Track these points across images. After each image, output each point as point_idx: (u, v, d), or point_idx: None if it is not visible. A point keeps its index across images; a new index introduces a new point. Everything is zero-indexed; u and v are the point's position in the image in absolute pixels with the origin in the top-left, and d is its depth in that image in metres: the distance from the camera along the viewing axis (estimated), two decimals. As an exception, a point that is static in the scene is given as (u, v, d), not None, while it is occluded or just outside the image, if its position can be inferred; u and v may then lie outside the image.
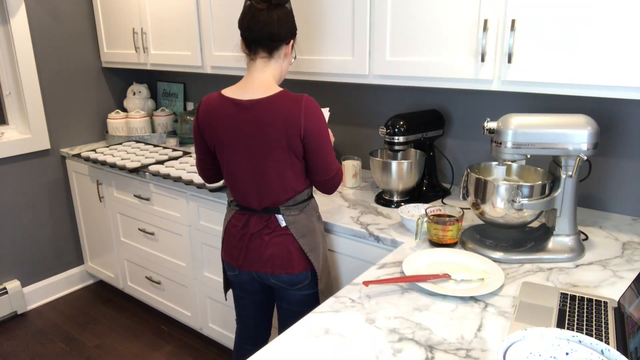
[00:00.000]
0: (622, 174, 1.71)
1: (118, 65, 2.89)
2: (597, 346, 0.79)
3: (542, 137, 1.34)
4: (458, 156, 2.06)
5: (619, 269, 1.35)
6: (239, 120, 1.41)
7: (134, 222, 2.59)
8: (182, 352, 2.44)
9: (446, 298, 1.22)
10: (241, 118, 1.40)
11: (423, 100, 2.10)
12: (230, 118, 1.42)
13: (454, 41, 1.61)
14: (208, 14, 2.28)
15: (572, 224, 1.42)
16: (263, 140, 1.39)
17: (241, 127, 1.41)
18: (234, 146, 1.44)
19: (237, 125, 1.41)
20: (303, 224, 1.50)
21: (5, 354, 2.47)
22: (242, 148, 1.43)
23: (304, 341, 1.07)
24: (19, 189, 2.76)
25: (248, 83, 1.44)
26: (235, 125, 1.41)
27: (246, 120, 1.40)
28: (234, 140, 1.43)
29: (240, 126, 1.41)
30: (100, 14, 2.86)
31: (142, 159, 2.51)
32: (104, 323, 2.71)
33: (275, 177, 1.44)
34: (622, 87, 1.36)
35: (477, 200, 1.44)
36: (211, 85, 2.92)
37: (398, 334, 1.08)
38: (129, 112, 2.98)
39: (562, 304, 1.14)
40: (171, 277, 2.49)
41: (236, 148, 1.43)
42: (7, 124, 2.79)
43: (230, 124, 1.42)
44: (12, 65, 2.68)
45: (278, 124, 1.37)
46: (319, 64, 1.95)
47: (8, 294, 2.74)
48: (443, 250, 1.43)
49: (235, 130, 1.42)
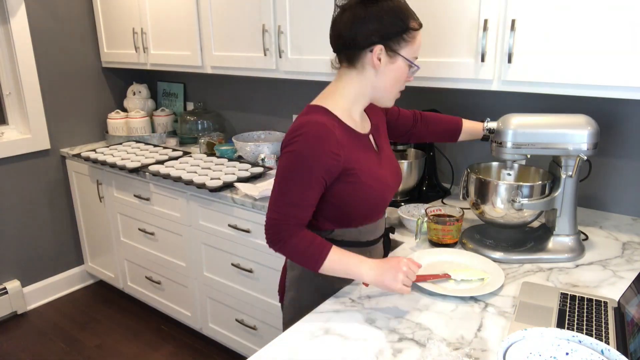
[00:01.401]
0: (622, 174, 1.71)
1: (118, 65, 2.89)
2: (597, 346, 0.79)
3: (542, 137, 1.34)
4: (458, 156, 2.06)
5: (619, 269, 1.35)
6: None
7: (134, 222, 2.59)
8: (182, 352, 2.44)
9: (446, 298, 1.22)
10: None
11: (423, 100, 2.09)
12: None
13: (454, 41, 1.61)
14: (208, 14, 2.28)
15: (572, 224, 1.42)
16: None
17: None
18: None
19: None
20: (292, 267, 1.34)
21: (5, 354, 2.47)
22: None
23: (304, 341, 1.06)
24: (19, 189, 2.76)
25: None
26: None
27: None
28: None
29: None
30: (100, 14, 2.86)
31: (142, 159, 2.51)
32: (104, 323, 2.71)
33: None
34: (622, 87, 1.36)
35: (477, 200, 1.44)
36: (211, 85, 2.92)
37: (398, 334, 1.08)
38: (129, 112, 2.98)
39: (562, 304, 1.14)
40: (171, 277, 2.49)
41: None
42: (7, 124, 2.79)
43: None
44: (12, 65, 2.68)
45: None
46: (315, 63, 1.95)
47: (8, 294, 2.74)
48: (443, 250, 1.43)
49: None
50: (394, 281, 1.12)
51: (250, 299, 2.13)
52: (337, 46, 1.19)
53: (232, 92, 2.82)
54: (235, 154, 2.53)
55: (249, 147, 2.39)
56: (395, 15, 1.12)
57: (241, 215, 2.03)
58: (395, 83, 1.20)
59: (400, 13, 1.13)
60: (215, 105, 2.94)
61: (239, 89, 2.78)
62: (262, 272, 2.05)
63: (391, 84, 1.19)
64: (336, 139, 1.14)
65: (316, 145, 1.12)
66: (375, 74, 1.18)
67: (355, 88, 1.21)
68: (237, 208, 2.03)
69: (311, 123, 1.13)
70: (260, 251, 2.01)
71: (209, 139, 2.63)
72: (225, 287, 2.23)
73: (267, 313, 2.09)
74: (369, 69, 1.17)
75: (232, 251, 2.14)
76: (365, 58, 1.16)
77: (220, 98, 2.90)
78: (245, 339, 2.24)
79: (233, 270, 2.17)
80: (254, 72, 2.21)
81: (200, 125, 2.80)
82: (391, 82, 1.19)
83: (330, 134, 1.13)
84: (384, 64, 1.16)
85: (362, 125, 1.27)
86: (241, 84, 2.76)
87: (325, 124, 1.13)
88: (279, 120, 2.65)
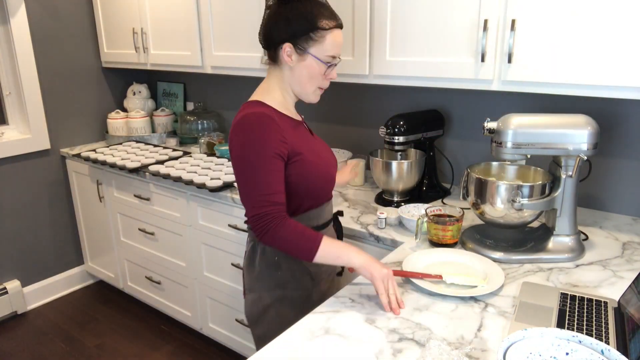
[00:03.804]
0: (622, 174, 1.71)
1: (118, 65, 2.89)
2: (597, 346, 0.79)
3: (542, 137, 1.34)
4: (458, 156, 2.06)
5: (619, 269, 1.35)
6: None
7: (134, 222, 2.59)
8: (182, 352, 2.44)
9: (446, 298, 1.22)
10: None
11: (423, 100, 2.10)
12: None
13: (454, 41, 1.61)
14: (208, 14, 2.28)
15: (572, 224, 1.42)
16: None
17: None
18: None
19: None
20: (250, 260, 1.38)
21: (5, 354, 2.47)
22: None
23: (304, 341, 1.07)
24: (19, 189, 2.76)
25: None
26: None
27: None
28: None
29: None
30: (100, 14, 2.86)
31: (142, 159, 2.51)
32: (104, 323, 2.71)
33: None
34: (622, 87, 1.36)
35: (477, 200, 1.44)
36: (211, 85, 2.92)
37: (398, 334, 1.08)
38: (129, 112, 2.98)
39: (562, 304, 1.14)
40: (171, 277, 2.49)
41: None
42: (7, 124, 2.79)
43: None
44: (12, 65, 2.68)
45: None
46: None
47: (8, 294, 2.74)
48: (443, 250, 1.43)
49: None
50: (380, 271, 1.18)
51: (250, 299, 2.13)
52: (262, 44, 1.28)
53: (232, 92, 2.82)
54: (235, 154, 2.53)
55: (249, 147, 2.39)
56: (302, 16, 1.19)
57: (241, 215, 2.03)
58: (309, 79, 1.26)
59: (309, 14, 1.19)
60: (215, 105, 2.94)
61: (239, 89, 2.78)
62: (262, 272, 2.05)
63: (306, 81, 1.26)
64: (277, 123, 1.20)
65: (260, 131, 1.18)
66: (290, 71, 1.26)
67: (278, 83, 1.29)
68: (237, 208, 2.04)
69: (249, 114, 1.20)
70: (260, 251, 2.01)
71: (209, 139, 2.63)
72: (225, 287, 2.23)
73: (267, 313, 2.09)
74: (285, 66, 1.25)
75: (232, 251, 2.14)
76: (281, 55, 1.24)
77: (220, 98, 2.90)
78: (245, 339, 2.24)
79: (233, 270, 2.17)
80: (254, 72, 2.21)
81: (200, 125, 2.80)
82: (305, 78, 1.25)
83: (271, 120, 1.20)
84: (295, 61, 1.23)
85: (296, 115, 1.36)
86: (241, 84, 2.76)
87: (264, 112, 1.20)
88: (279, 120, 2.65)
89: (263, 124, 1.18)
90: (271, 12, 1.23)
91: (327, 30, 1.21)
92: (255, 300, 1.37)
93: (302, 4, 1.20)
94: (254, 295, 1.38)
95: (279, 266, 1.33)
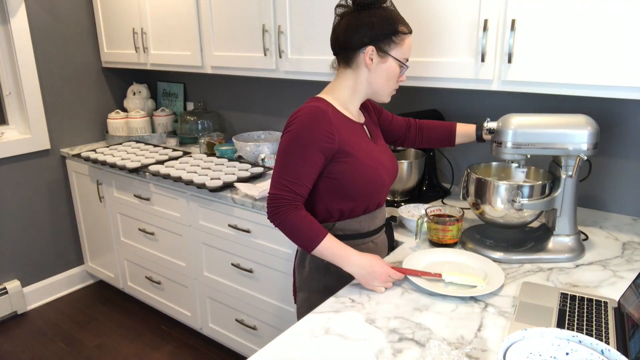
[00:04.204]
0: (622, 174, 1.71)
1: (118, 65, 2.89)
2: (597, 346, 0.79)
3: (542, 137, 1.34)
4: (458, 156, 2.06)
5: (619, 269, 1.35)
6: None
7: (134, 222, 2.59)
8: (182, 352, 2.44)
9: (446, 298, 1.22)
10: None
11: (423, 100, 2.10)
12: None
13: (454, 41, 1.61)
14: (208, 14, 2.28)
15: (572, 224, 1.42)
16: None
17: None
18: None
19: None
20: (300, 259, 1.43)
21: (5, 354, 2.47)
22: None
23: (304, 341, 1.07)
24: (19, 189, 2.76)
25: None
26: None
27: None
28: None
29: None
30: (100, 14, 2.86)
31: (142, 159, 2.51)
32: (104, 323, 2.71)
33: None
34: (622, 87, 1.36)
35: (477, 200, 1.44)
36: (211, 85, 2.92)
37: (398, 334, 1.08)
38: (129, 112, 2.98)
39: (562, 304, 1.14)
40: (171, 277, 2.49)
41: None
42: (7, 124, 2.79)
43: None
44: (12, 65, 2.68)
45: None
46: (315, 63, 1.95)
47: (8, 294, 2.74)
48: (443, 250, 1.43)
49: None
50: (374, 282, 1.26)
51: (250, 299, 2.13)
52: (336, 49, 1.33)
53: (232, 92, 2.82)
54: (235, 154, 2.53)
55: (249, 147, 2.39)
56: (385, 20, 1.26)
57: (241, 215, 2.03)
58: (387, 81, 1.32)
59: (391, 18, 1.26)
60: (215, 105, 2.94)
61: (239, 89, 2.78)
62: (262, 272, 2.05)
63: (384, 82, 1.32)
64: (330, 120, 1.25)
65: (310, 124, 1.24)
66: (368, 72, 1.30)
67: (350, 85, 1.33)
68: (237, 208, 2.04)
69: (307, 107, 1.27)
70: (260, 251, 2.01)
71: (209, 139, 2.63)
72: (225, 287, 2.23)
73: (267, 313, 2.09)
74: (362, 68, 1.30)
75: (232, 251, 2.14)
76: (359, 58, 1.29)
77: (220, 98, 2.90)
78: (245, 339, 2.24)
79: (233, 270, 2.17)
80: (254, 72, 2.21)
81: (200, 125, 2.80)
82: (383, 79, 1.31)
83: (324, 115, 1.25)
84: (376, 63, 1.28)
85: (357, 117, 1.39)
86: (241, 84, 2.76)
87: (320, 107, 1.26)
88: (279, 120, 2.65)
89: (314, 116, 1.24)
90: (350, 20, 1.27)
91: (406, 34, 1.29)
92: (304, 300, 1.43)
93: (383, 10, 1.26)
94: (303, 295, 1.43)
95: (328, 269, 1.37)
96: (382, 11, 1.26)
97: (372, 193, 1.35)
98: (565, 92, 1.45)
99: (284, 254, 1.93)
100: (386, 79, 1.31)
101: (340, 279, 1.36)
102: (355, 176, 1.30)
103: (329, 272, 1.37)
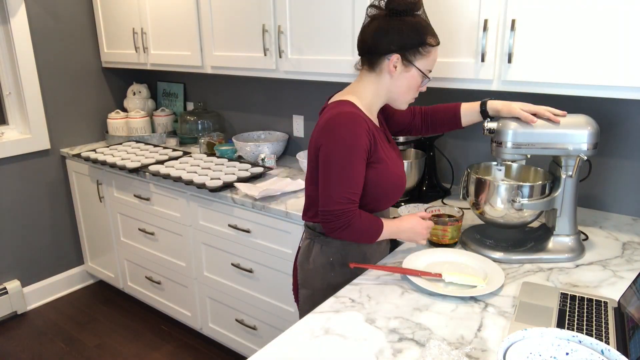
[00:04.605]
0: (622, 174, 1.71)
1: (118, 65, 2.89)
2: (597, 346, 0.79)
3: (542, 137, 1.34)
4: (458, 156, 2.06)
5: (619, 269, 1.35)
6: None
7: (134, 222, 2.59)
8: (182, 352, 2.44)
9: (446, 298, 1.22)
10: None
11: (423, 100, 2.09)
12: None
13: (454, 41, 1.61)
14: (208, 14, 2.28)
15: (572, 224, 1.42)
16: (310, 147, 1.35)
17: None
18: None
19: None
20: (305, 256, 1.44)
21: (5, 354, 2.47)
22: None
23: (304, 341, 1.06)
24: (19, 189, 2.76)
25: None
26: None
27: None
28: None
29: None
30: (100, 14, 2.86)
31: (142, 159, 2.51)
32: (104, 323, 2.71)
33: (307, 187, 1.41)
34: (622, 87, 1.36)
35: (477, 200, 1.44)
36: (211, 85, 2.92)
37: (398, 334, 1.08)
38: (129, 112, 2.98)
39: (562, 304, 1.14)
40: (171, 277, 2.49)
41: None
42: (7, 124, 2.79)
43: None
44: (12, 65, 2.68)
45: (314, 132, 1.33)
46: (316, 63, 1.95)
47: (8, 294, 2.74)
48: (443, 250, 1.43)
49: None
50: (419, 241, 1.38)
51: (250, 299, 2.13)
52: (361, 50, 1.31)
53: (232, 92, 2.82)
54: (235, 154, 2.53)
55: (249, 147, 2.39)
56: (414, 30, 1.24)
57: (241, 215, 2.03)
58: (408, 90, 1.31)
59: (421, 29, 1.25)
60: (215, 105, 2.94)
61: (239, 89, 2.78)
62: (262, 272, 2.05)
63: (404, 90, 1.31)
64: (368, 126, 1.26)
65: (353, 129, 1.23)
66: (390, 79, 1.30)
67: (372, 89, 1.33)
68: (237, 208, 2.04)
69: (343, 113, 1.25)
70: (260, 251, 2.01)
71: (209, 139, 2.63)
72: (225, 287, 2.23)
73: (267, 313, 2.09)
74: (385, 74, 1.29)
75: (232, 251, 2.14)
76: (383, 64, 1.28)
77: (220, 98, 2.90)
78: (245, 339, 2.24)
79: (233, 270, 2.17)
80: (254, 72, 2.21)
81: (200, 125, 2.80)
82: (404, 88, 1.31)
83: (363, 121, 1.25)
84: (399, 72, 1.28)
85: (377, 121, 1.40)
86: (241, 84, 2.76)
87: (356, 112, 1.26)
88: (279, 120, 2.65)
89: (355, 123, 1.23)
90: (381, 23, 1.25)
91: (433, 47, 1.28)
92: (308, 297, 1.43)
93: (414, 19, 1.25)
94: (307, 292, 1.43)
95: (333, 267, 1.38)
96: (413, 20, 1.24)
97: (389, 197, 1.38)
98: (565, 92, 1.45)
99: (284, 254, 1.93)
100: (407, 88, 1.30)
101: (344, 278, 1.36)
102: (383, 181, 1.32)
103: (334, 269, 1.38)
